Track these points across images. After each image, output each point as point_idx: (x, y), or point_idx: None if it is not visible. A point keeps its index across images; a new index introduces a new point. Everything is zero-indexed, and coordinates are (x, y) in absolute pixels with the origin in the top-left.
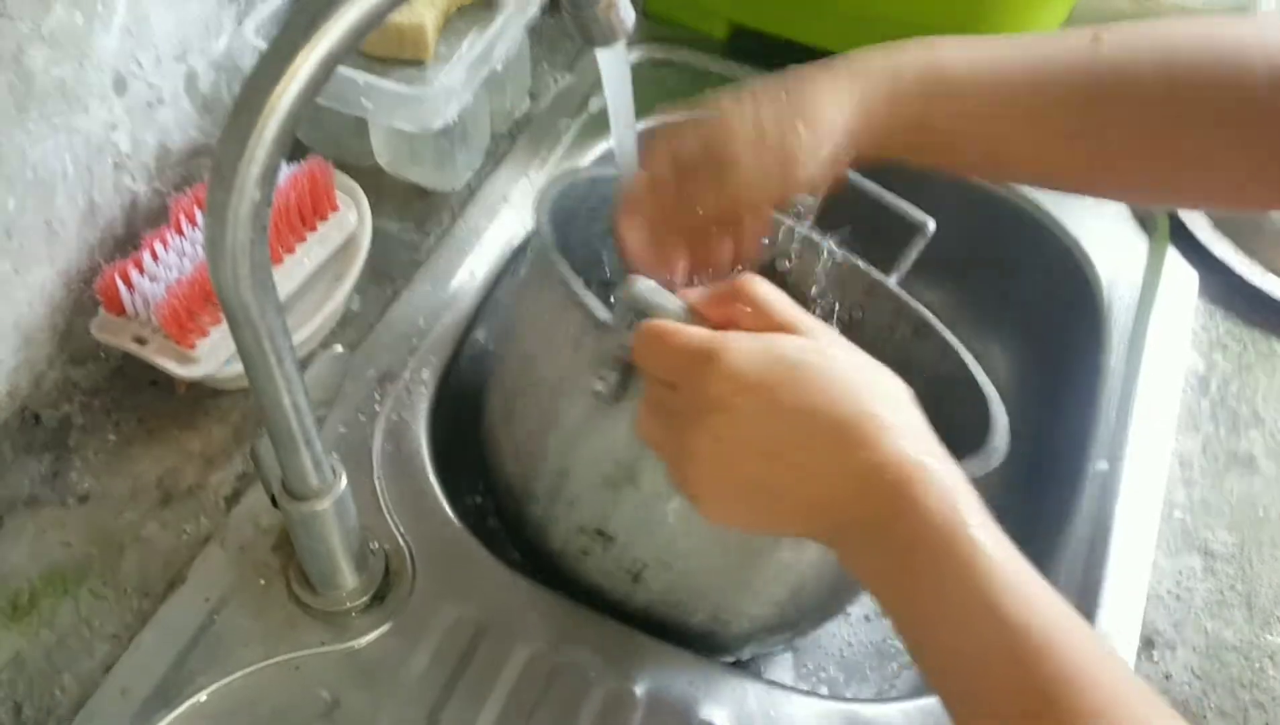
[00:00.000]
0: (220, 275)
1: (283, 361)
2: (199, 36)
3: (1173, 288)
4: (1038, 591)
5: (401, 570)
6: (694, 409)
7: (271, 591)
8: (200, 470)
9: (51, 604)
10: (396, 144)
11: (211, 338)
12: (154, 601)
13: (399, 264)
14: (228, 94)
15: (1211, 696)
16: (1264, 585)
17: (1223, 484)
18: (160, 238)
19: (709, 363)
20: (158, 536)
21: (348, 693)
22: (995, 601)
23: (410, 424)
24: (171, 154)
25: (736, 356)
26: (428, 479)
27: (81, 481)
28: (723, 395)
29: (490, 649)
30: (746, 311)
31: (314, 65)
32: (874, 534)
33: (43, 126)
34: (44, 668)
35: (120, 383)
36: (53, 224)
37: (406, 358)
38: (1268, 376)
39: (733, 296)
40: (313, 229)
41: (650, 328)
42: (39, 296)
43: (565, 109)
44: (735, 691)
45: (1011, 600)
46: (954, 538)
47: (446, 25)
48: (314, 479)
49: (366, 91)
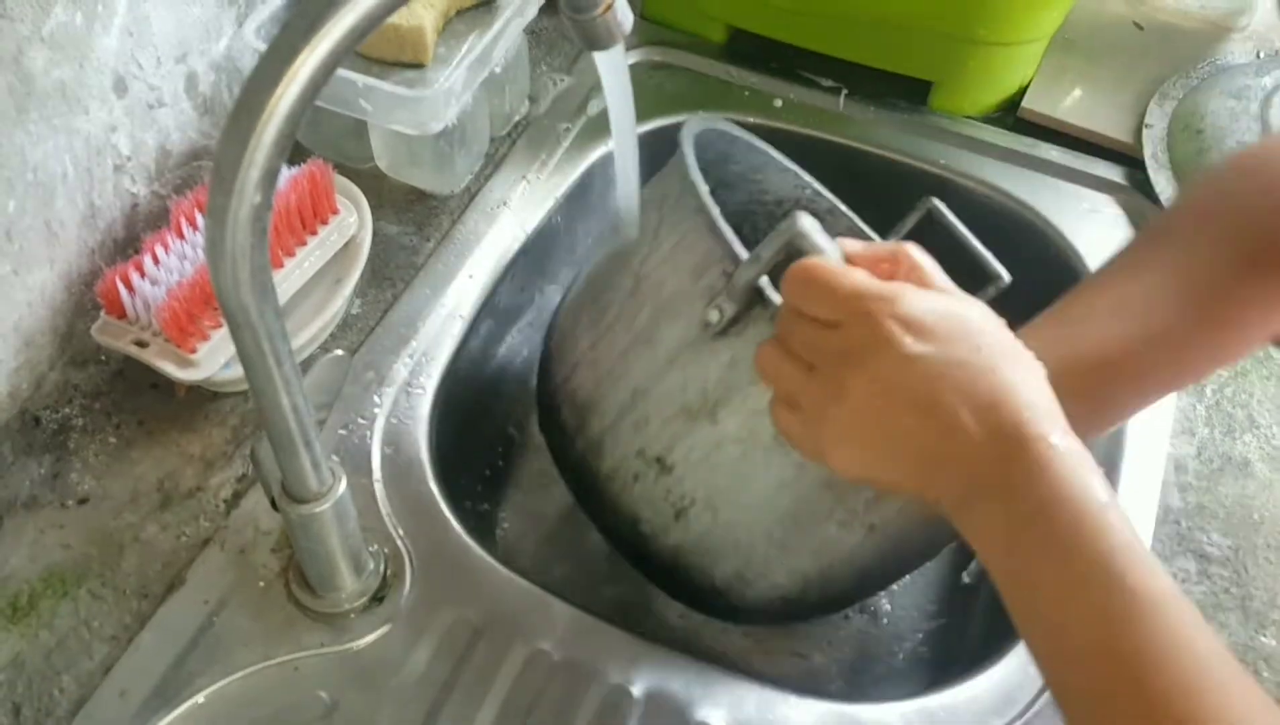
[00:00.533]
0: (220, 278)
1: (282, 364)
2: (199, 38)
3: None
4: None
5: (400, 572)
6: (857, 348)
7: (271, 593)
8: (200, 473)
9: (51, 605)
10: (396, 147)
11: (212, 341)
12: (153, 603)
13: (399, 267)
14: (228, 96)
15: None
16: (1258, 589)
17: (1218, 488)
18: (161, 241)
19: (886, 303)
20: (157, 538)
21: (346, 694)
22: (1116, 587)
23: (410, 427)
24: (171, 156)
25: (916, 300)
26: (427, 482)
27: (81, 483)
28: (897, 336)
29: (488, 650)
30: (907, 272)
31: (314, 67)
32: (1005, 499)
33: (43, 128)
34: (43, 669)
35: (121, 385)
36: (53, 226)
37: (406, 361)
38: (1263, 381)
39: (893, 258)
40: (313, 232)
41: (813, 265)
42: (39, 299)
43: (564, 112)
44: (733, 693)
45: (1134, 589)
46: (1085, 512)
47: (446, 27)
48: (313, 481)
49: (366, 94)
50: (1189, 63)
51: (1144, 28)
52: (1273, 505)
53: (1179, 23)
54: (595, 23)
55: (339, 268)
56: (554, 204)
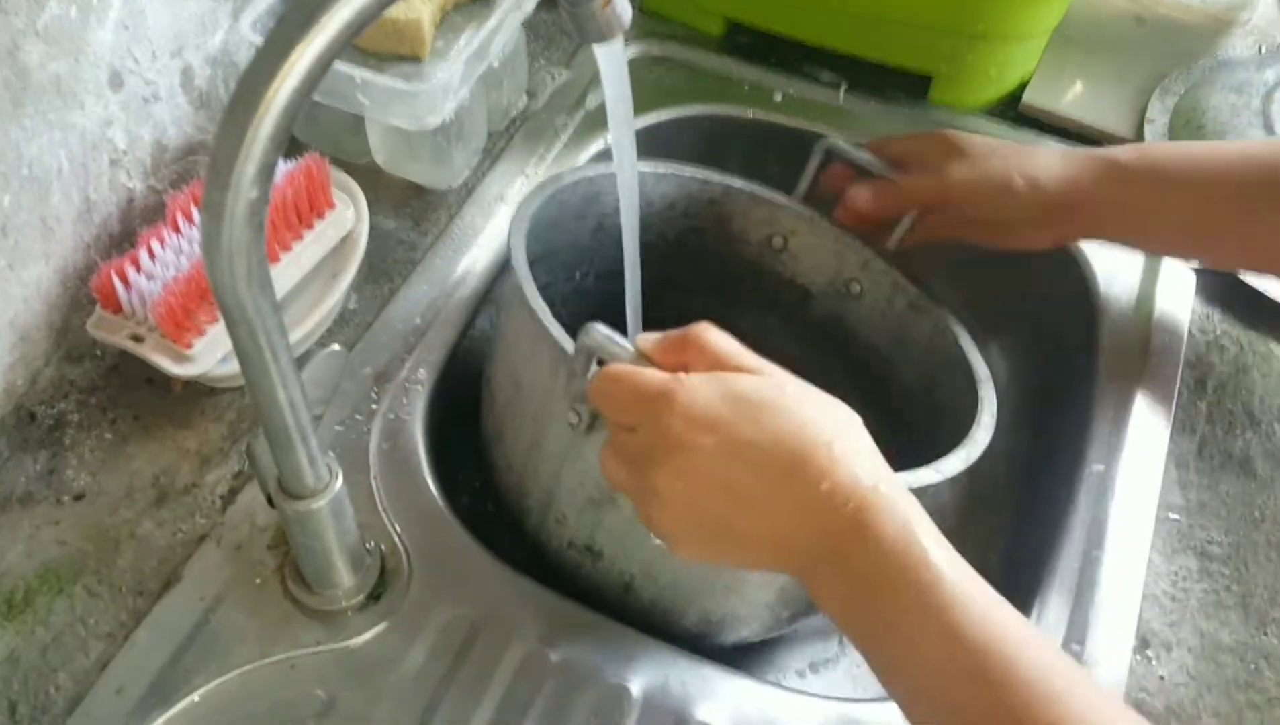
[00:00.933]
0: (217, 273)
1: (279, 360)
2: (195, 32)
3: (1170, 288)
4: (996, 610)
5: (398, 569)
6: (654, 449)
7: (267, 590)
8: (196, 468)
9: (46, 602)
10: (393, 141)
11: (208, 336)
12: (149, 600)
13: (396, 262)
14: (224, 90)
15: (1207, 698)
16: (1259, 587)
17: (1219, 486)
18: (157, 235)
19: (665, 402)
20: (153, 535)
21: (343, 692)
22: (956, 624)
23: (407, 423)
24: (167, 151)
25: (692, 395)
26: (424, 478)
27: (77, 479)
28: (681, 433)
29: (486, 647)
30: (698, 356)
31: (310, 61)
32: (836, 565)
33: (38, 123)
34: (39, 666)
35: (116, 380)
36: (48, 221)
37: (403, 356)
38: (1264, 378)
39: (684, 343)
40: (309, 227)
41: (606, 373)
42: (35, 294)
43: (563, 106)
44: (732, 691)
45: (972, 622)
46: (911, 563)
47: (443, 21)
48: (310, 478)
49: (363, 88)
50: (1190, 57)
51: (1145, 22)
52: (1274, 503)
53: (1180, 17)
54: (594, 16)
55: (336, 263)
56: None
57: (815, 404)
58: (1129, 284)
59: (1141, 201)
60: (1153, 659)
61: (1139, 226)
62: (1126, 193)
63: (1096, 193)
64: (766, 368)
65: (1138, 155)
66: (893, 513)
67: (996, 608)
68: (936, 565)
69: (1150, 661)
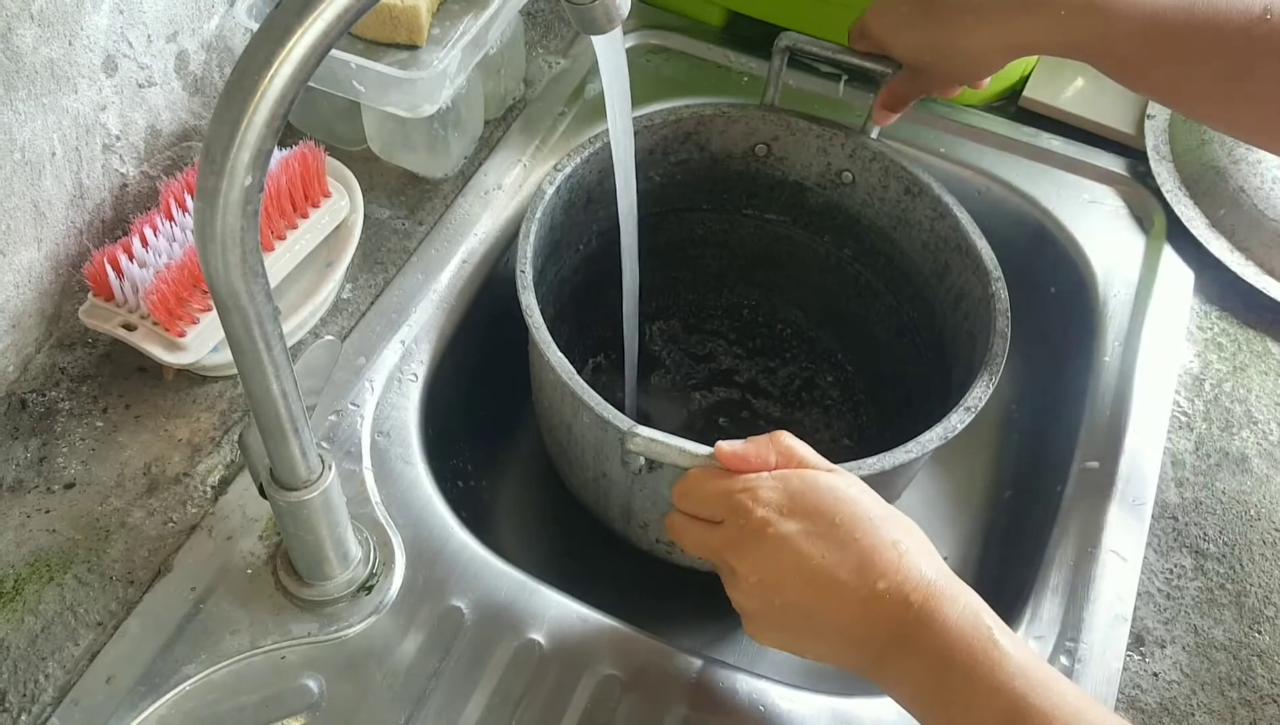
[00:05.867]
0: (210, 261)
1: (272, 349)
2: (190, 17)
3: (1168, 286)
4: (1057, 681)
5: (390, 561)
6: (738, 540)
7: (258, 581)
8: (187, 458)
9: (36, 591)
10: (389, 129)
11: (200, 324)
12: (140, 589)
13: (391, 251)
14: (219, 76)
15: (1200, 695)
16: (1254, 585)
17: (1215, 483)
18: (150, 223)
19: (750, 494)
20: (144, 524)
21: (335, 683)
22: (1021, 693)
23: (401, 414)
24: (161, 136)
25: (776, 488)
26: (417, 469)
27: (68, 468)
28: (764, 521)
29: (478, 640)
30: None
31: (307, 47)
32: (906, 650)
33: (31, 106)
34: (29, 654)
35: (108, 368)
36: (40, 206)
37: (397, 346)
38: (1261, 376)
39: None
40: (304, 215)
41: (691, 475)
42: (26, 280)
43: (560, 95)
44: (727, 685)
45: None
46: (980, 645)
47: (440, 8)
48: (302, 469)
49: (359, 75)
50: None
51: None
52: (1269, 501)
53: None
54: (593, 6)
55: (330, 251)
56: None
57: (882, 503)
58: (1128, 280)
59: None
60: (1146, 656)
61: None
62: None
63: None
64: (839, 469)
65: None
66: (955, 601)
67: (1057, 679)
68: (1003, 646)
69: (1144, 659)
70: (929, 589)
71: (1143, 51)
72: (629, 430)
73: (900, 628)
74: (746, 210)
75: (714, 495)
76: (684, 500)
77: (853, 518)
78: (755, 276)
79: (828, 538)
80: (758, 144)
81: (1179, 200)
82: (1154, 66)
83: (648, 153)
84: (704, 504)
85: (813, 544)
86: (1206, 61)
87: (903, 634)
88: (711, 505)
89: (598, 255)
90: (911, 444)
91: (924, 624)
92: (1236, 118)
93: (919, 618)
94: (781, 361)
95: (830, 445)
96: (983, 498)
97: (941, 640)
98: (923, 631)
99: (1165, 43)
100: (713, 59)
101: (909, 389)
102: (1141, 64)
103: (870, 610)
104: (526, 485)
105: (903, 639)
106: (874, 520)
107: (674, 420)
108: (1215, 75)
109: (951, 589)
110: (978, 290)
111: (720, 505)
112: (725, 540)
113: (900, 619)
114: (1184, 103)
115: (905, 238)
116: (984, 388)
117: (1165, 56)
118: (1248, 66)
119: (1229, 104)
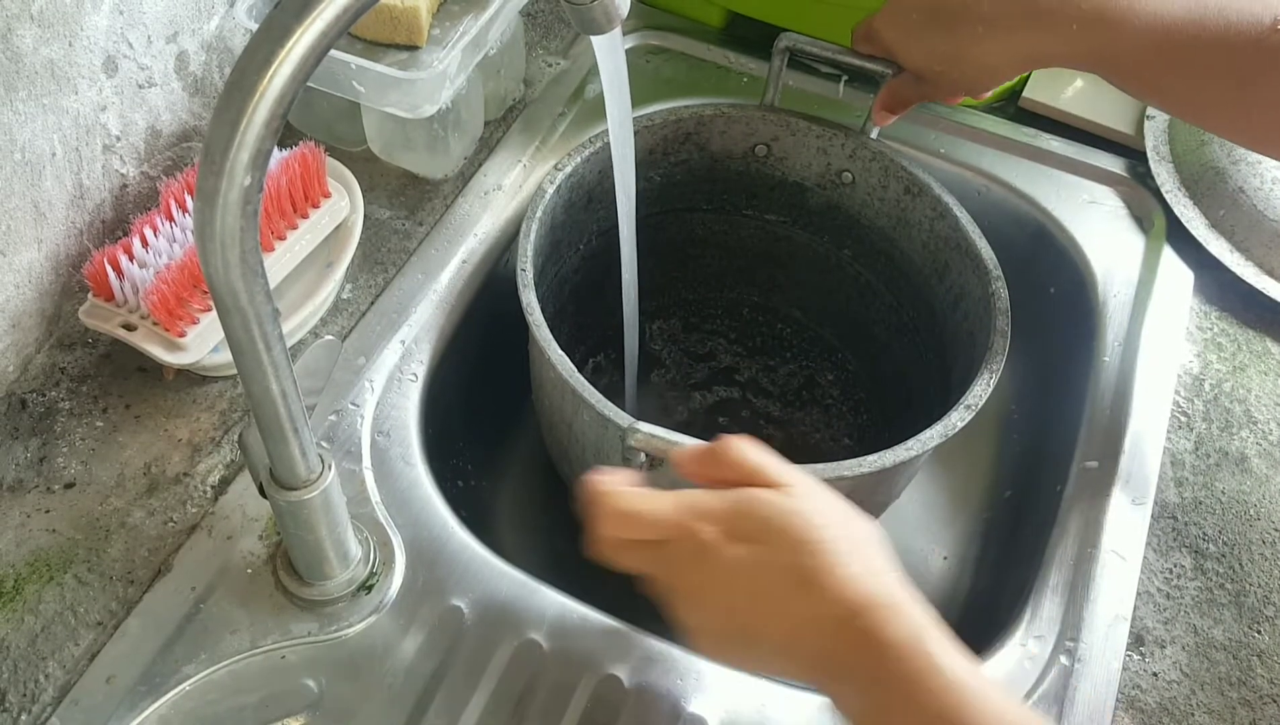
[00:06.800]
0: (210, 262)
1: (272, 349)
2: (190, 17)
3: (1168, 286)
4: (1004, 703)
5: (390, 561)
6: (682, 562)
7: (258, 581)
8: (187, 458)
9: (36, 590)
10: (389, 129)
11: (200, 324)
12: (140, 589)
13: (391, 251)
14: (219, 76)
15: (1199, 695)
16: (1253, 585)
17: (1214, 483)
18: (150, 223)
19: (695, 515)
20: (144, 524)
21: (335, 683)
22: (955, 710)
23: (401, 414)
24: (161, 137)
25: (723, 509)
26: (417, 469)
27: (68, 467)
28: (707, 548)
29: (478, 640)
30: (729, 470)
31: (307, 48)
32: (849, 672)
33: (31, 107)
34: (28, 654)
35: (108, 368)
36: (40, 206)
37: (397, 346)
38: (1261, 376)
39: (714, 457)
40: (304, 215)
41: (626, 497)
42: (26, 280)
43: (560, 96)
44: (726, 686)
45: (982, 717)
46: (921, 667)
47: (440, 9)
48: (302, 468)
49: (359, 75)
50: None
51: None
52: (1269, 501)
53: None
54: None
55: (330, 252)
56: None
57: (836, 519)
58: (1127, 280)
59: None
60: (1146, 656)
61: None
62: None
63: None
64: (793, 478)
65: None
66: (900, 620)
67: (1004, 702)
68: (945, 668)
69: (1144, 658)
70: (870, 610)
71: (1154, 64)
72: (630, 426)
73: (842, 649)
74: (746, 210)
75: (659, 517)
76: (623, 524)
77: (799, 540)
78: (755, 276)
79: (773, 560)
80: (758, 144)
81: (1178, 201)
82: (1165, 78)
83: (648, 153)
84: (647, 527)
85: (757, 566)
86: (1218, 73)
87: (843, 656)
88: (656, 528)
89: (598, 254)
90: (912, 441)
91: (862, 646)
92: (1249, 128)
93: (858, 640)
94: (781, 360)
95: (830, 444)
96: (982, 497)
97: (878, 662)
98: (861, 653)
99: (1176, 55)
100: (712, 59)
101: (909, 388)
102: (1153, 76)
103: (812, 633)
104: (526, 485)
105: (842, 661)
106: (822, 541)
107: (674, 419)
108: (1227, 86)
109: (894, 608)
110: (977, 290)
111: (664, 527)
112: (669, 561)
113: (840, 640)
114: (1195, 114)
115: (905, 238)
116: (984, 385)
117: (1176, 68)
118: (1259, 77)
119: (1241, 115)
